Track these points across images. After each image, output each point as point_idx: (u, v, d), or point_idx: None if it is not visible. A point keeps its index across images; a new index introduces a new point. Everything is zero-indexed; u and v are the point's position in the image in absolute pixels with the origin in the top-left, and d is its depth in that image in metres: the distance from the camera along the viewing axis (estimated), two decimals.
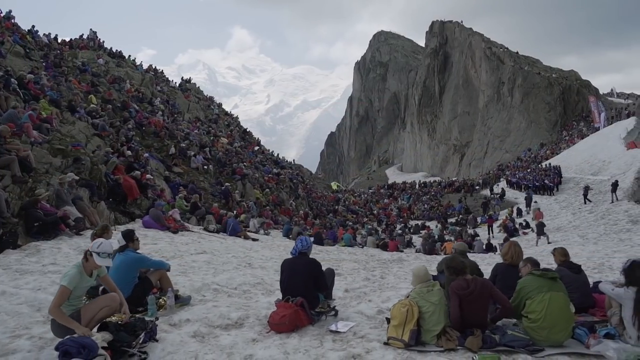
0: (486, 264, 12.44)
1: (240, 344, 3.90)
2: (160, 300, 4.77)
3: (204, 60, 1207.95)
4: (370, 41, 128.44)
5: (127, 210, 13.01)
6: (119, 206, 12.86)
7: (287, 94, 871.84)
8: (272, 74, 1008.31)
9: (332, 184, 61.05)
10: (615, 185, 24.76)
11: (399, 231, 25.35)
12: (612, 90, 69.78)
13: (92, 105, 19.38)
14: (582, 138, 44.58)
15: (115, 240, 5.05)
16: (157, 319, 4.23)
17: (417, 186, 50.45)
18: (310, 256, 4.97)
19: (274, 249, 11.47)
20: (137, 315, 4.13)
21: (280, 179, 31.66)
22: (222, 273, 7.00)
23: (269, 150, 45.15)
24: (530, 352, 3.73)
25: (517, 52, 68.75)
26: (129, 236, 4.88)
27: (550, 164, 38.49)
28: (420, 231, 28.29)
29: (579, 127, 49.64)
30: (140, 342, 3.54)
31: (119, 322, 3.62)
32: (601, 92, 63.98)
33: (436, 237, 22.79)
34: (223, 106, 50.75)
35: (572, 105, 53.92)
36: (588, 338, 3.86)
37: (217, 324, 4.45)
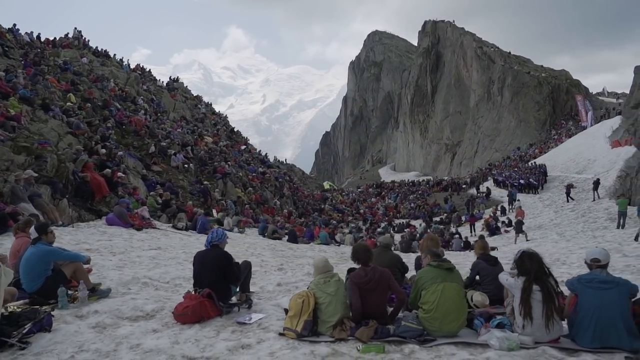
0: (462, 259, 12.57)
1: (137, 334, 3.89)
2: (75, 292, 4.77)
3: (200, 60, 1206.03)
4: (364, 41, 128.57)
5: (93, 208, 12.97)
6: (85, 204, 12.83)
7: (282, 93, 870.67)
8: (268, 74, 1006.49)
9: (325, 183, 61.15)
10: (596, 184, 24.88)
11: (381, 229, 25.40)
12: (603, 89, 70.15)
13: (68, 104, 19.31)
14: (571, 137, 44.74)
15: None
16: (52, 310, 4.22)
17: (405, 185, 50.55)
18: (225, 249, 4.97)
19: (237, 246, 11.46)
20: (32, 307, 4.12)
21: (266, 178, 31.69)
22: (160, 268, 6.99)
23: (256, 149, 45.10)
24: (420, 342, 3.73)
25: (510, 52, 68.93)
26: (42, 229, 4.87)
27: (535, 162, 38.64)
28: (405, 230, 28.32)
29: (567, 126, 49.78)
30: (25, 332, 3.54)
31: (2, 313, 3.61)
32: (594, 92, 64.18)
33: (417, 235, 22.82)
34: (219, 106, 50.85)
35: (561, 105, 54.14)
36: (480, 328, 3.89)
37: (126, 315, 4.45)
